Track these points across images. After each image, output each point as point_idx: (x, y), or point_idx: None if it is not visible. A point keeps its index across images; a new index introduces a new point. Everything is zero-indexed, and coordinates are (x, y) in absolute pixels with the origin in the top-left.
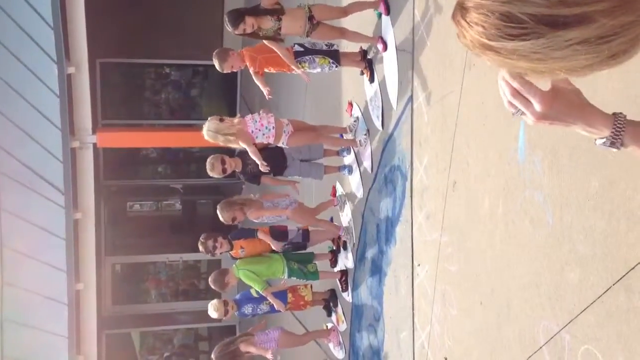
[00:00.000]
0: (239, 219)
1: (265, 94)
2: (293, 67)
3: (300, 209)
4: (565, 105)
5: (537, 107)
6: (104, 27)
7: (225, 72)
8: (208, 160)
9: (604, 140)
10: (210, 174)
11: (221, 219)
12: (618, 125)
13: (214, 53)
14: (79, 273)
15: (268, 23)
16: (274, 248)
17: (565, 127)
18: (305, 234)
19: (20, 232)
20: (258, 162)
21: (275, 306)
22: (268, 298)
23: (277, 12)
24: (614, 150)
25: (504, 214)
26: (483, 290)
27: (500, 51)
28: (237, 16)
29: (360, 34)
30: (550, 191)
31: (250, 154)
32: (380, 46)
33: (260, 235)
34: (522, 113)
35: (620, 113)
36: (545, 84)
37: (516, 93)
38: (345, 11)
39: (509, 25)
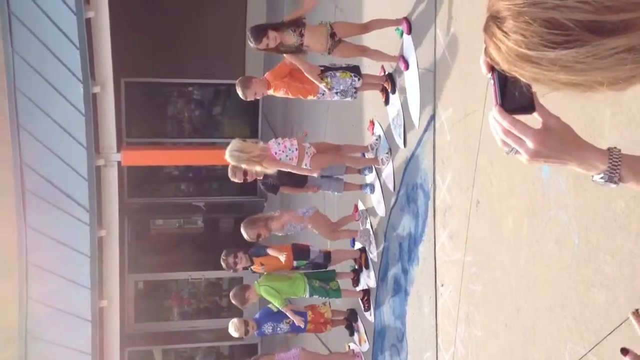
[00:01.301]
0: (264, 235)
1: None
2: (315, 81)
3: (318, 215)
4: (557, 142)
5: (530, 145)
6: (129, 47)
7: (248, 99)
8: (230, 166)
9: (602, 175)
10: (232, 179)
11: (246, 237)
12: (614, 160)
13: (237, 81)
14: (103, 290)
15: (290, 38)
16: (280, 259)
17: (561, 165)
18: (327, 256)
19: (45, 248)
20: (296, 170)
21: (295, 322)
22: (288, 314)
23: (299, 25)
24: (613, 185)
25: (528, 233)
26: (508, 311)
27: (539, 62)
28: (260, 30)
29: (382, 52)
30: (576, 211)
31: (282, 168)
32: (402, 65)
33: (270, 251)
34: (517, 152)
35: (615, 147)
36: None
37: (508, 132)
38: (366, 27)
39: (552, 33)
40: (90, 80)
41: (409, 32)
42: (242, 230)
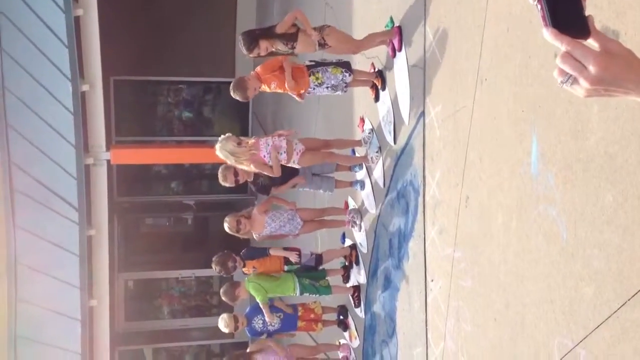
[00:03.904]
0: (244, 224)
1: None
2: (292, 92)
3: (303, 210)
4: (623, 66)
5: (592, 69)
6: (118, 45)
7: (251, 98)
8: (220, 171)
9: None
10: (223, 183)
11: (227, 228)
12: None
13: (232, 86)
14: (92, 289)
15: (282, 46)
16: (291, 259)
17: (622, 95)
18: (319, 258)
19: (35, 248)
20: (273, 173)
21: (267, 318)
22: (264, 310)
23: (291, 39)
24: None
25: (517, 229)
26: (497, 306)
27: None
28: (252, 40)
29: (372, 42)
30: (564, 206)
31: (267, 173)
32: (389, 50)
33: (273, 251)
34: (574, 81)
35: None
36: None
37: (567, 56)
38: (358, 46)
39: None
40: (79, 78)
41: (400, 49)
42: (225, 223)
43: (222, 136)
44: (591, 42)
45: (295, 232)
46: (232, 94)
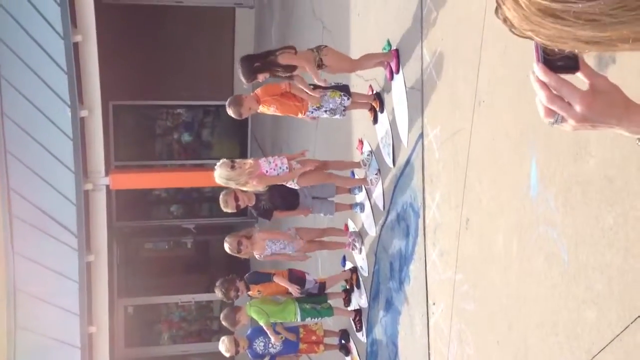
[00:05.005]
0: (245, 245)
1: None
2: (307, 91)
3: (303, 229)
4: (607, 104)
5: (578, 108)
6: (117, 70)
7: (244, 116)
8: (221, 196)
9: None
10: (225, 209)
11: (228, 249)
12: None
13: (228, 102)
14: (92, 316)
15: (281, 72)
16: (291, 292)
17: (607, 129)
18: (322, 286)
19: (34, 275)
20: (284, 180)
21: (272, 339)
22: (268, 332)
23: (290, 71)
24: None
25: (518, 251)
26: (499, 329)
27: (564, 16)
28: (250, 74)
29: (369, 62)
30: (565, 228)
31: (271, 183)
32: (387, 73)
33: (277, 279)
34: (562, 120)
35: None
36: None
37: (553, 97)
38: (355, 66)
39: None
40: (78, 104)
41: (397, 71)
42: (225, 244)
43: (217, 164)
44: (579, 76)
45: (295, 252)
46: (227, 109)
